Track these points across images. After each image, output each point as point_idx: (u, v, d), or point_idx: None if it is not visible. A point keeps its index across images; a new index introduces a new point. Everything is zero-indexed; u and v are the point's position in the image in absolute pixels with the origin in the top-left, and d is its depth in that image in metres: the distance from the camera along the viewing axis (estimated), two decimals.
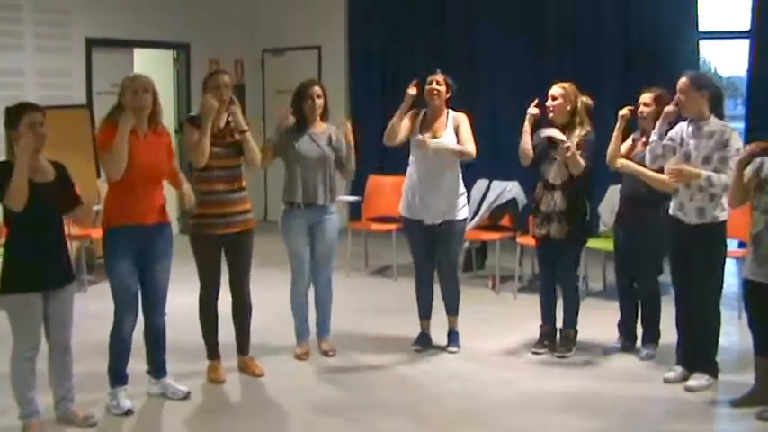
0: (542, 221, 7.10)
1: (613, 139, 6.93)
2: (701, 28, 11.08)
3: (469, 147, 7.07)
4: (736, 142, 6.21)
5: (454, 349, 7.28)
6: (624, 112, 6.91)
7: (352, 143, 7.01)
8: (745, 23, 10.91)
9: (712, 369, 6.51)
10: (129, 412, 5.91)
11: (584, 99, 7.05)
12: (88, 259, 9.76)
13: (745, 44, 10.88)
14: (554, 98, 6.99)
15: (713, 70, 18.76)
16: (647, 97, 6.94)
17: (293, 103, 6.97)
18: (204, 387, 6.47)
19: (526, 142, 7.04)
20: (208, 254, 6.49)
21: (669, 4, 11.04)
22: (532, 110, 7.08)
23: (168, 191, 6.14)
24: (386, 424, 5.89)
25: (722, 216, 6.28)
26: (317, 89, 6.93)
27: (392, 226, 9.84)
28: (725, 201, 6.24)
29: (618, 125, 6.89)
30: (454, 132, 7.08)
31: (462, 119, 7.15)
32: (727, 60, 24.61)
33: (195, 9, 12.67)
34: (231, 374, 6.66)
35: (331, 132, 6.99)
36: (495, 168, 10.14)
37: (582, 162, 6.80)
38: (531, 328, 7.40)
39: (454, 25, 12.14)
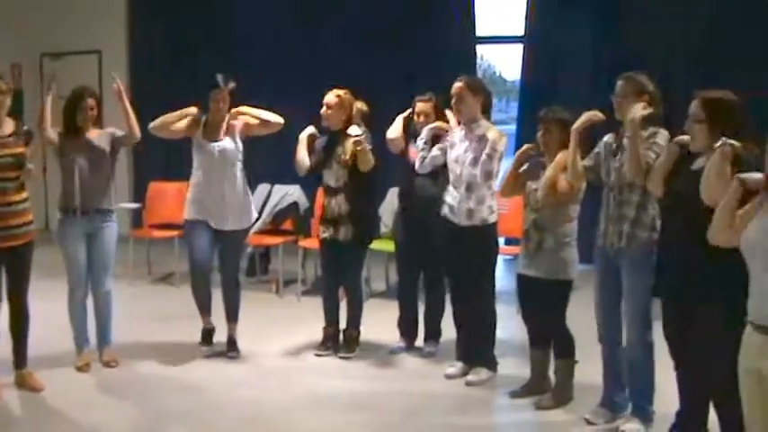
0: (328, 225, 7.17)
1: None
2: (480, 32, 11.42)
3: (268, 114, 7.18)
4: (500, 144, 6.42)
5: (234, 354, 7.27)
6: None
7: (127, 102, 6.93)
8: (520, 28, 11.30)
9: (491, 363, 6.74)
10: None
11: (360, 105, 7.16)
12: None
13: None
14: (329, 106, 7.04)
15: (498, 74, 19.29)
16: (426, 107, 7.08)
17: (66, 112, 6.80)
18: None
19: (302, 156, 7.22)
20: None
21: (446, 8, 11.31)
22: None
23: None
24: None
25: (491, 218, 6.50)
26: (90, 101, 6.78)
27: (174, 232, 9.73)
28: (494, 204, 6.47)
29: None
30: (237, 133, 7.15)
31: (243, 118, 7.20)
32: (510, 64, 25.36)
33: None
34: (8, 391, 6.42)
35: (107, 134, 6.88)
36: (277, 172, 10.16)
37: (372, 158, 6.92)
38: (315, 330, 7.45)
39: (240, 25, 12.06)
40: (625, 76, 5.53)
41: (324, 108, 7.05)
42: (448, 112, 6.96)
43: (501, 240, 8.10)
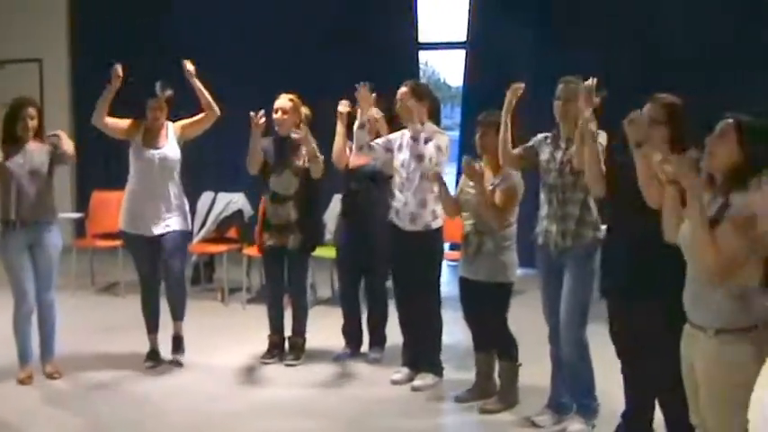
0: (273, 232, 7.15)
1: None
2: (423, 38, 11.47)
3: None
4: (446, 147, 6.46)
5: (180, 357, 7.22)
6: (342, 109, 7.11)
7: (64, 144, 6.82)
8: (462, 34, 11.37)
9: (437, 368, 6.76)
10: None
11: (305, 110, 7.16)
12: None
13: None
14: (284, 111, 7.04)
15: (442, 80, 19.31)
16: (376, 112, 7.07)
17: (6, 122, 6.72)
18: None
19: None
20: None
21: (388, 15, 11.34)
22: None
23: None
24: None
25: (435, 224, 6.54)
26: (30, 110, 6.71)
27: (118, 242, 9.59)
28: (438, 209, 6.49)
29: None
30: (176, 139, 7.11)
31: (178, 124, 7.17)
32: (454, 70, 25.41)
33: None
34: None
35: (46, 148, 6.79)
36: (221, 180, 10.12)
37: (321, 161, 6.92)
38: (261, 337, 7.43)
39: (183, 34, 11.95)
40: (565, 80, 5.60)
41: (278, 113, 7.04)
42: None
43: (446, 245, 8.13)
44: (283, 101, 7.07)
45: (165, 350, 7.31)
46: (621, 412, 5.27)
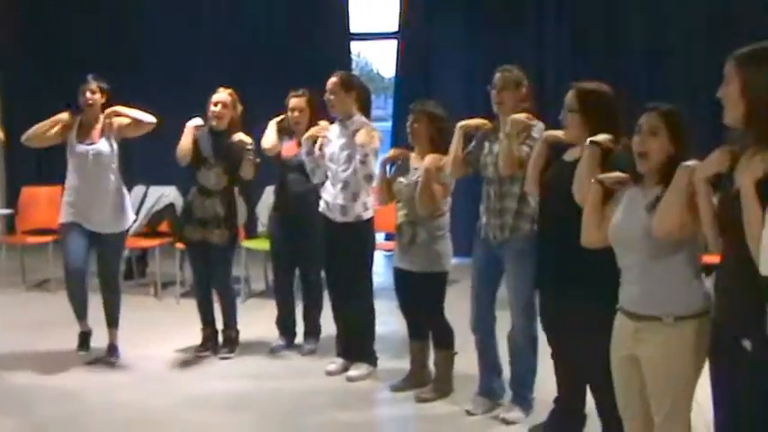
0: (198, 227, 7.11)
1: None
2: (355, 29, 11.49)
3: (141, 114, 6.97)
4: (370, 146, 6.44)
5: (114, 359, 7.13)
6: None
7: None
8: (394, 24, 11.39)
9: (371, 358, 6.79)
10: None
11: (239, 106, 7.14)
12: None
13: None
14: (224, 105, 7.00)
15: (375, 71, 19.33)
16: (300, 102, 7.07)
17: None
18: None
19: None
20: None
21: (320, 5, 11.33)
22: None
23: None
24: None
25: (366, 215, 6.57)
26: None
27: (49, 238, 9.54)
28: (369, 201, 6.51)
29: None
30: (112, 135, 6.98)
31: (114, 120, 7.01)
32: (387, 61, 25.49)
33: None
34: None
35: None
36: (153, 174, 10.04)
37: (255, 164, 6.92)
38: (195, 331, 7.40)
39: (114, 19, 11.84)
40: (502, 69, 5.64)
41: (218, 107, 6.99)
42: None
43: (381, 236, 8.15)
44: (223, 95, 7.03)
45: (96, 341, 7.22)
46: (554, 398, 5.34)
